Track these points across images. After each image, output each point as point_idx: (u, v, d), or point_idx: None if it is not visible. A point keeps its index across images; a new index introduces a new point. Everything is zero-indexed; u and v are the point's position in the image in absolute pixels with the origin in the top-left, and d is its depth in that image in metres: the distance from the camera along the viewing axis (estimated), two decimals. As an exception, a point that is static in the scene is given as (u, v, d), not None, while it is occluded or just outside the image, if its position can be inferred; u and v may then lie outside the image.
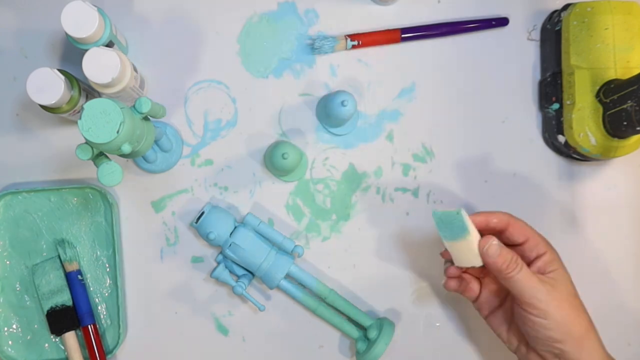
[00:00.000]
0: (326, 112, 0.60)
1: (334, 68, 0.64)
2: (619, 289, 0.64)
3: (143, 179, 0.63)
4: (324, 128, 0.63)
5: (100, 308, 0.61)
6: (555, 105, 0.61)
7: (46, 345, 0.61)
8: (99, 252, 0.62)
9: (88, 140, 0.47)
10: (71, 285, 0.60)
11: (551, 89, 0.62)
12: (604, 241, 0.64)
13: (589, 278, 0.64)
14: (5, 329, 0.61)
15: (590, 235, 0.64)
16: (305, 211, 0.63)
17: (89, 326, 0.59)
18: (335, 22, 0.64)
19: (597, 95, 0.59)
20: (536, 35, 0.65)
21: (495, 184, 0.64)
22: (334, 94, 0.58)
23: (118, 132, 0.46)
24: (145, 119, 0.52)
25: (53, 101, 0.52)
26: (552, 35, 0.62)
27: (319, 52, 0.63)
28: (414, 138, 0.64)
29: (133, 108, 0.49)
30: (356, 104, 0.59)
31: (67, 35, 0.53)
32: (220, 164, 0.63)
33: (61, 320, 0.59)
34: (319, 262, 0.63)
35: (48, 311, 0.59)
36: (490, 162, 0.64)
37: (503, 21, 0.64)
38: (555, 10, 0.63)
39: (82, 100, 0.56)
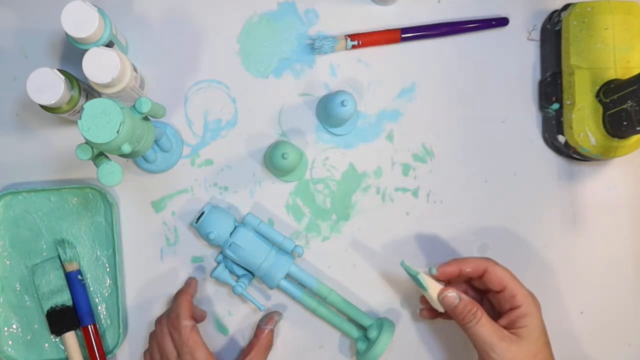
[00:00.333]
0: (326, 112, 0.60)
1: (334, 68, 0.64)
2: (619, 289, 0.64)
3: (143, 179, 0.63)
4: (324, 128, 0.63)
5: (100, 308, 0.61)
6: (555, 105, 0.62)
7: (46, 345, 0.61)
8: (99, 252, 0.62)
9: (88, 140, 0.47)
10: (71, 285, 0.60)
11: (551, 89, 0.62)
12: (604, 241, 0.64)
13: (589, 278, 0.64)
14: (5, 329, 0.61)
15: (590, 235, 0.64)
16: (305, 211, 0.63)
17: (89, 326, 0.59)
18: (335, 22, 0.64)
19: (597, 95, 0.59)
20: (536, 35, 0.65)
21: (495, 184, 0.64)
22: (334, 94, 0.58)
23: (118, 132, 0.46)
24: (145, 119, 0.52)
25: (53, 101, 0.52)
26: (552, 35, 0.62)
27: (319, 52, 0.63)
28: (414, 138, 0.64)
29: (133, 108, 0.49)
30: (356, 104, 0.59)
31: (67, 35, 0.53)
32: (220, 164, 0.63)
33: (61, 320, 0.59)
34: (319, 262, 0.63)
35: (48, 311, 0.59)
36: (490, 162, 0.64)
37: (503, 21, 0.64)
38: (555, 10, 0.63)
39: (82, 100, 0.56)
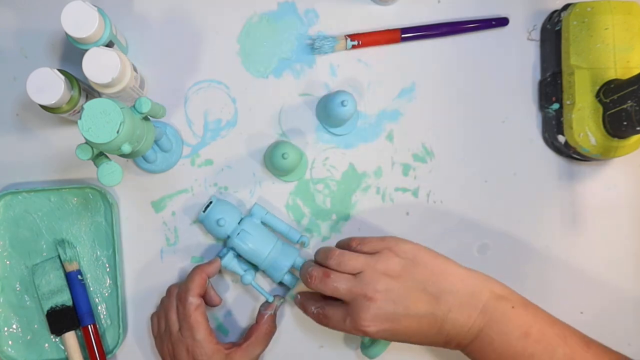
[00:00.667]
0: (326, 112, 0.60)
1: (334, 68, 0.64)
2: (619, 289, 0.64)
3: (143, 179, 0.63)
4: (324, 128, 0.63)
5: (100, 308, 0.61)
6: (555, 105, 0.61)
7: (46, 345, 0.61)
8: (99, 252, 0.62)
9: (88, 140, 0.47)
10: (71, 285, 0.60)
11: (551, 89, 0.62)
12: (604, 241, 0.64)
13: (589, 278, 0.64)
14: (5, 329, 0.61)
15: (590, 235, 0.64)
16: (305, 211, 0.63)
17: (89, 326, 0.59)
18: (335, 22, 0.64)
19: (597, 95, 0.59)
20: (536, 35, 0.65)
21: (495, 184, 0.64)
22: (334, 94, 0.58)
23: (118, 132, 0.46)
24: (145, 119, 0.52)
25: (53, 101, 0.52)
26: (552, 35, 0.62)
27: (319, 52, 0.63)
28: (414, 138, 0.64)
29: (133, 108, 0.49)
30: (356, 104, 0.59)
31: (67, 35, 0.53)
32: (220, 164, 0.63)
33: (61, 320, 0.59)
34: (319, 262, 0.63)
35: (48, 311, 0.59)
36: (490, 162, 0.64)
37: (503, 21, 0.64)
38: (555, 10, 0.63)
39: (82, 100, 0.56)
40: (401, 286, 0.50)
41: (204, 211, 0.59)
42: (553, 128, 0.62)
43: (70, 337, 0.59)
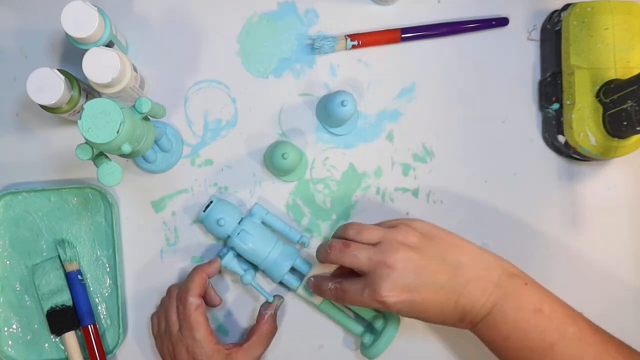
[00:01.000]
0: (326, 112, 0.60)
1: (334, 68, 0.64)
2: (619, 289, 0.64)
3: (143, 179, 0.63)
4: (324, 128, 0.63)
5: (100, 308, 0.61)
6: (555, 105, 0.62)
7: (46, 345, 0.61)
8: (99, 252, 0.62)
9: (88, 140, 0.47)
10: (71, 285, 0.60)
11: (551, 89, 0.62)
12: (604, 241, 0.64)
13: (589, 278, 0.64)
14: (5, 329, 0.61)
15: (590, 235, 0.64)
16: (305, 211, 0.63)
17: (89, 326, 0.59)
18: (335, 22, 0.64)
19: (597, 95, 0.59)
20: (536, 35, 0.65)
21: (495, 184, 0.64)
22: (334, 94, 0.58)
23: (118, 132, 0.46)
24: (145, 119, 0.52)
25: (53, 101, 0.52)
26: (552, 35, 0.62)
27: (319, 52, 0.63)
28: (414, 138, 0.64)
29: (133, 108, 0.49)
30: (356, 104, 0.59)
31: (67, 35, 0.53)
32: (220, 164, 0.63)
33: (61, 320, 0.59)
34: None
35: (48, 311, 0.59)
36: (490, 162, 0.64)
37: (503, 21, 0.64)
38: (555, 10, 0.63)
39: (82, 100, 0.56)
40: (420, 256, 0.50)
41: (204, 211, 0.59)
42: (553, 128, 0.62)
43: (70, 337, 0.59)
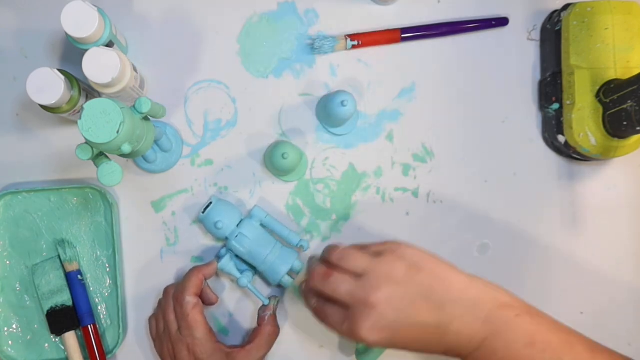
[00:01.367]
0: (326, 112, 0.60)
1: (334, 68, 0.64)
2: (619, 289, 0.64)
3: (143, 179, 0.63)
4: (324, 128, 0.63)
5: (100, 308, 0.61)
6: (555, 105, 0.61)
7: (46, 345, 0.61)
8: (99, 252, 0.62)
9: (88, 140, 0.47)
10: (71, 285, 0.60)
11: (551, 89, 0.62)
12: (604, 241, 0.64)
13: (589, 278, 0.64)
14: (5, 329, 0.61)
15: (590, 235, 0.64)
16: (305, 211, 0.63)
17: (89, 326, 0.59)
18: (335, 22, 0.64)
19: (597, 95, 0.59)
20: (536, 35, 0.65)
21: (495, 184, 0.64)
22: (334, 94, 0.58)
23: (118, 132, 0.46)
24: (145, 119, 0.52)
25: (53, 101, 0.52)
26: (552, 35, 0.62)
27: (319, 52, 0.63)
28: (414, 138, 0.64)
29: (133, 108, 0.49)
30: (356, 104, 0.59)
31: (67, 35, 0.53)
32: (220, 164, 0.63)
33: (61, 320, 0.59)
34: (319, 262, 0.63)
35: (48, 311, 0.59)
36: (490, 162, 0.64)
37: (503, 21, 0.64)
38: (555, 10, 0.63)
39: (82, 100, 0.56)
40: (405, 292, 0.48)
41: (203, 212, 0.59)
42: (553, 128, 0.62)
43: (70, 337, 0.59)
